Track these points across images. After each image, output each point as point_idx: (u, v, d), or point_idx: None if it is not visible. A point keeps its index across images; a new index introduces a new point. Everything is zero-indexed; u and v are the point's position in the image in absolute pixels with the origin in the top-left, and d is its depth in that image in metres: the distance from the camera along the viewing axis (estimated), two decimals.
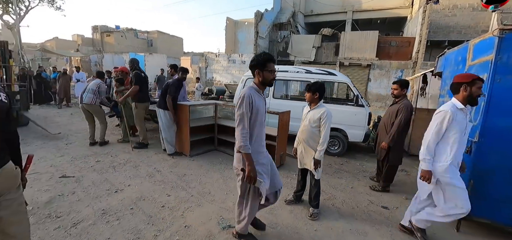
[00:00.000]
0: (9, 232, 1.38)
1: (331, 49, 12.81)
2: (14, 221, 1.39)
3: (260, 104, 1.80)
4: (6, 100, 1.33)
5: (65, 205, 2.54)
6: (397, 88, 3.17)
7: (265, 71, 1.77)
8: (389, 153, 3.23)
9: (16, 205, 1.39)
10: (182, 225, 2.32)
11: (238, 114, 1.74)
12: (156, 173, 3.48)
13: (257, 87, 1.83)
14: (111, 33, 24.18)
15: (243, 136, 1.72)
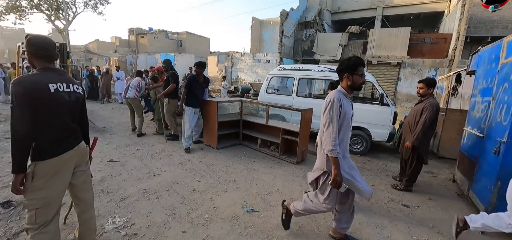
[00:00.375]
0: (80, 196, 1.77)
1: (359, 47, 12.45)
2: (84, 188, 1.77)
3: (347, 108, 1.78)
4: (83, 92, 1.71)
5: (114, 184, 3.00)
6: (423, 87, 3.14)
7: (355, 74, 1.74)
8: (413, 153, 3.21)
9: (85, 175, 1.77)
10: (211, 207, 2.61)
11: (328, 117, 1.73)
12: (187, 162, 3.85)
13: (345, 91, 1.81)
14: (144, 35, 25.95)
15: (333, 139, 1.70)
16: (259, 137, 4.65)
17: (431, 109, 2.99)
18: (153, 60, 20.94)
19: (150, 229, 2.18)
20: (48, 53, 1.53)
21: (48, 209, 1.51)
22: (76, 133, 1.64)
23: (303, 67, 5.31)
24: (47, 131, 1.45)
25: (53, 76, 1.51)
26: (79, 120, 1.70)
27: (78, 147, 1.64)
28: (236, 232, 2.21)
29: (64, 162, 1.54)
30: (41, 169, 1.45)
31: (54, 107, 1.46)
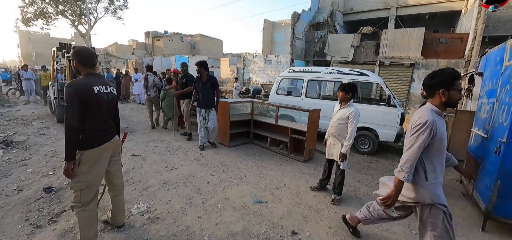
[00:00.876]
0: (114, 182, 2.08)
1: (371, 48, 12.35)
2: (117, 175, 2.09)
3: (443, 130, 1.55)
4: (115, 92, 2.02)
5: (137, 175, 3.34)
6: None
7: (453, 90, 1.51)
8: None
9: (118, 164, 2.09)
10: (223, 197, 2.87)
11: (414, 140, 1.52)
12: (202, 158, 4.15)
13: (438, 109, 1.57)
14: (160, 38, 26.91)
15: (411, 165, 1.53)
16: (269, 136, 4.88)
17: None
18: (168, 62, 21.71)
19: (170, 214, 2.48)
20: (91, 61, 1.86)
21: (90, 190, 1.82)
22: (112, 127, 1.96)
23: (312, 69, 5.48)
24: (91, 125, 1.77)
25: (95, 80, 1.82)
26: (113, 117, 2.02)
27: (113, 140, 1.95)
28: (245, 219, 2.45)
29: (103, 152, 1.85)
30: (85, 157, 1.76)
31: (97, 105, 1.78)
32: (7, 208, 2.48)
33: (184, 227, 2.28)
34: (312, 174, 3.74)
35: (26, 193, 2.78)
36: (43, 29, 21.58)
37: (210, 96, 4.42)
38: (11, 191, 2.80)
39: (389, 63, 10.71)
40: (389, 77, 10.79)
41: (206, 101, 4.41)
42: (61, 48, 6.04)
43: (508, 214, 2.51)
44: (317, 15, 14.74)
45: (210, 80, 4.42)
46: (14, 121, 6.24)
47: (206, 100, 4.41)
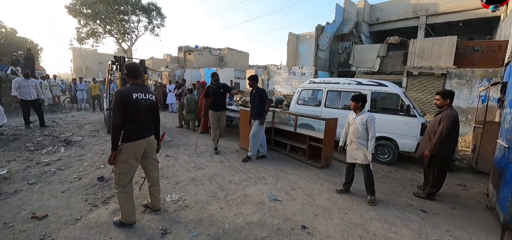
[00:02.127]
0: (151, 175, 2.55)
1: (399, 58, 12.00)
2: (152, 168, 2.55)
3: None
4: (155, 99, 2.50)
5: (170, 171, 3.85)
6: (439, 99, 3.33)
7: None
8: (434, 161, 3.34)
9: (153, 160, 2.56)
10: (243, 194, 3.22)
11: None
12: (225, 161, 4.57)
13: None
14: (191, 52, 28.81)
15: None
16: (288, 143, 5.15)
17: (447, 119, 3.13)
18: (198, 74, 23.13)
19: (197, 204, 2.88)
20: (136, 74, 2.38)
21: (126, 176, 2.29)
22: (149, 128, 2.43)
23: (331, 80, 5.68)
24: (130, 124, 2.25)
25: (137, 88, 2.33)
26: (152, 119, 2.50)
27: (148, 138, 2.42)
28: (261, 213, 2.76)
29: (138, 146, 2.32)
30: (125, 148, 2.25)
31: (135, 108, 2.26)
32: (71, 191, 3.11)
33: (208, 215, 2.66)
34: (328, 180, 3.91)
35: (84, 180, 3.42)
36: (93, 46, 24.63)
37: (259, 108, 4.55)
38: (73, 179, 3.46)
39: (418, 73, 10.32)
40: (418, 87, 10.37)
41: (257, 112, 4.55)
42: (115, 62, 6.24)
43: None
44: (341, 27, 14.76)
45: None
46: (71, 124, 7.35)
47: (257, 112, 4.55)
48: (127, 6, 22.78)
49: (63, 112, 10.01)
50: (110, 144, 2.25)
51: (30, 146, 4.84)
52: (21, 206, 2.69)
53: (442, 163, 3.30)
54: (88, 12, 22.09)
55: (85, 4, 21.86)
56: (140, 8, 24.20)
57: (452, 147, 3.36)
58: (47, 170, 3.70)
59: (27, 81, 6.50)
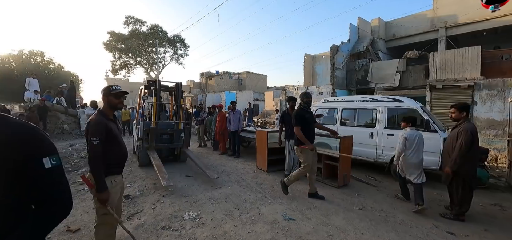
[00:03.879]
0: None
1: (420, 72, 11.60)
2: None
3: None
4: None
5: (189, 191, 4.04)
6: (455, 111, 3.24)
7: None
8: (457, 179, 3.17)
9: None
10: (257, 213, 3.28)
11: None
12: (242, 181, 4.68)
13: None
14: (213, 77, 30.27)
15: None
16: None
17: (465, 133, 3.00)
18: (218, 98, 24.07)
19: (212, 221, 3.01)
20: None
21: None
22: None
23: (346, 99, 5.72)
24: None
25: None
26: None
27: None
28: (274, 231, 2.80)
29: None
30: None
31: None
32: None
33: (222, 232, 2.77)
34: (345, 199, 3.84)
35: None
36: (125, 76, 27.00)
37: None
38: None
39: (442, 86, 9.85)
40: (443, 101, 9.84)
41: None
42: (149, 86, 5.75)
43: None
44: (357, 45, 14.78)
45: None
46: None
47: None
48: (155, 39, 25.01)
49: None
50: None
51: (68, 167, 5.38)
52: None
53: (466, 180, 3.12)
54: (121, 46, 24.58)
55: (119, 40, 24.42)
56: (167, 40, 26.40)
57: (474, 162, 3.18)
58: (81, 189, 4.09)
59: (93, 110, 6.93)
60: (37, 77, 11.85)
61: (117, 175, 2.10)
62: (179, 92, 5.89)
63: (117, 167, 2.10)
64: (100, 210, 1.97)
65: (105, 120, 1.98)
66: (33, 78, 11.38)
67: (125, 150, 2.17)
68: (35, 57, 27.73)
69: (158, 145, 5.42)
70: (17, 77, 23.42)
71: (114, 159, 2.04)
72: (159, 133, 5.55)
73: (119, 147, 2.09)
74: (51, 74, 27.33)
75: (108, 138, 1.95)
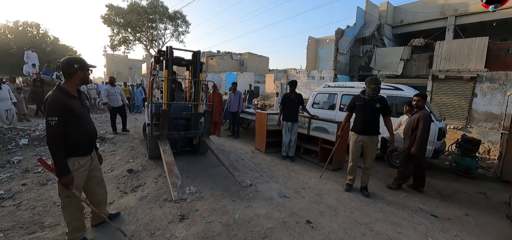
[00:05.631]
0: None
1: (424, 61, 11.50)
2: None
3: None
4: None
5: (190, 168, 4.19)
6: (420, 99, 3.69)
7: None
8: (412, 157, 3.62)
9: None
10: (254, 190, 3.45)
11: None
12: (241, 160, 4.84)
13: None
14: (213, 57, 29.85)
15: None
16: (302, 146, 5.29)
17: (426, 118, 3.51)
18: (219, 78, 23.90)
19: (212, 196, 3.17)
20: None
21: None
22: None
23: (347, 85, 5.73)
24: None
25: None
26: None
27: None
28: (269, 207, 2.97)
29: None
30: None
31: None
32: (105, 180, 3.56)
33: (221, 205, 2.94)
34: (338, 181, 4.01)
35: (116, 172, 3.89)
36: (124, 52, 26.67)
37: (296, 111, 4.83)
38: (107, 170, 3.96)
39: (444, 76, 9.81)
40: (445, 92, 9.86)
41: (292, 115, 4.78)
42: (160, 57, 4.56)
43: None
44: (362, 30, 14.48)
45: (298, 97, 4.89)
46: (104, 124, 8.15)
47: (292, 114, 4.79)
48: (155, 15, 24.38)
49: (97, 112, 11.06)
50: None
51: None
52: None
53: (421, 158, 3.64)
54: (120, 21, 24.03)
55: (118, 14, 23.82)
56: (167, 16, 25.75)
57: (426, 144, 3.72)
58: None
59: (114, 88, 6.78)
60: (35, 50, 11.75)
61: (83, 157, 1.99)
62: (197, 65, 4.61)
63: (82, 148, 1.98)
64: (63, 192, 1.90)
65: (65, 98, 1.82)
66: (32, 52, 11.28)
67: (90, 129, 2.06)
68: (30, 29, 27.31)
69: (171, 133, 4.25)
70: (14, 50, 23.21)
71: (78, 140, 1.91)
72: (172, 118, 4.40)
73: (83, 127, 1.96)
74: (48, 47, 27.02)
75: (69, 117, 1.81)
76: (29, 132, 5.89)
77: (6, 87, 6.58)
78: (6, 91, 6.48)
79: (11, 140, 5.26)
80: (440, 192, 3.88)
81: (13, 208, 2.71)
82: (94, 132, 2.13)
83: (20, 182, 3.37)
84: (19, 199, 2.91)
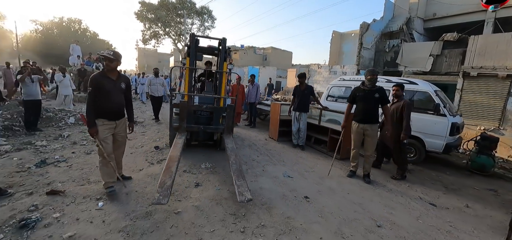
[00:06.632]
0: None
1: (456, 57, 10.78)
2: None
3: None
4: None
5: (206, 149, 4.69)
6: (398, 89, 3.96)
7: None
8: (398, 142, 3.85)
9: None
10: (261, 170, 3.82)
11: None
12: (253, 145, 5.24)
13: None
14: (237, 51, 30.48)
15: None
16: (313, 136, 5.53)
17: (408, 107, 3.79)
18: (241, 72, 24.47)
19: (224, 171, 3.62)
20: None
21: None
22: None
23: (360, 78, 5.78)
24: None
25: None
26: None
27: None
28: (273, 184, 3.33)
29: None
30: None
31: None
32: (136, 154, 4.21)
33: (231, 179, 3.34)
34: (343, 169, 4.22)
35: (145, 148, 4.52)
36: (154, 46, 28.40)
37: (305, 102, 5.10)
38: (138, 146, 4.61)
39: (477, 74, 9.19)
40: (477, 90, 9.25)
41: (300, 105, 5.06)
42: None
43: None
44: (390, 24, 13.91)
45: (308, 88, 5.15)
46: (135, 110, 9.07)
47: (301, 104, 5.06)
48: (183, 10, 25.58)
49: None
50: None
51: None
52: None
53: (400, 143, 3.86)
54: (151, 16, 25.62)
55: (150, 10, 25.42)
56: (194, 11, 26.85)
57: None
58: None
59: (156, 79, 7.24)
60: (79, 44, 13.22)
61: (107, 120, 2.67)
62: (223, 53, 4.30)
63: (108, 114, 2.66)
64: (96, 142, 2.65)
65: (100, 77, 2.60)
66: (76, 45, 12.73)
67: (116, 103, 2.72)
68: (73, 25, 30.32)
69: (191, 127, 4.04)
70: (60, 44, 26.04)
71: (103, 108, 2.62)
72: (192, 111, 4.20)
73: (110, 100, 2.64)
74: (88, 41, 29.84)
75: (98, 91, 2.56)
76: (75, 113, 6.88)
77: (68, 76, 7.75)
78: (68, 79, 7.66)
79: (62, 119, 6.23)
80: (447, 186, 3.91)
81: (66, 168, 3.41)
82: (119, 106, 2.78)
83: (70, 151, 4.13)
84: (71, 163, 3.61)
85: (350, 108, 3.87)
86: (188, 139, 4.28)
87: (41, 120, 5.64)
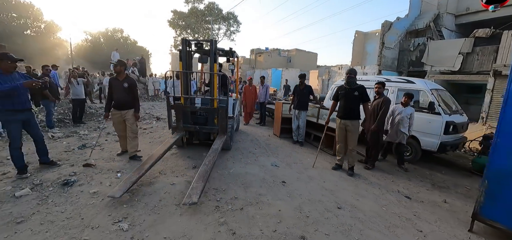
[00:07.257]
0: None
1: (489, 55, 9.96)
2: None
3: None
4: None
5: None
6: (380, 87, 4.26)
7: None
8: (375, 135, 4.24)
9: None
10: (254, 160, 4.34)
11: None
12: (255, 140, 5.77)
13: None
14: (261, 54, 31.22)
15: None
16: (312, 133, 5.85)
17: (386, 103, 4.17)
18: (265, 74, 25.09)
19: (221, 159, 4.21)
20: None
21: None
22: None
23: (363, 78, 5.94)
24: None
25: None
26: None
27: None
28: (259, 170, 3.82)
29: None
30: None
31: None
32: (154, 143, 5.04)
33: (224, 164, 3.95)
34: (332, 162, 4.50)
35: (162, 138, 5.35)
36: None
37: (304, 101, 5.44)
38: (157, 137, 5.48)
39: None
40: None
41: (300, 103, 5.45)
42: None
43: (494, 216, 2.52)
44: (416, 21, 13.26)
45: (307, 88, 5.53)
46: (163, 108, 10.24)
47: (300, 103, 5.45)
48: (211, 17, 27.18)
49: (159, 100, 13.62)
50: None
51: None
52: None
53: (379, 136, 4.30)
54: (182, 24, 27.72)
55: (181, 18, 27.56)
56: (221, 17, 28.34)
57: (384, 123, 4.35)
58: (144, 131, 5.92)
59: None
60: (118, 51, 15.13)
61: (115, 110, 3.82)
62: (212, 55, 4.41)
63: (115, 105, 3.82)
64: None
65: (111, 79, 3.82)
66: (116, 52, 14.61)
67: (121, 98, 3.76)
68: (116, 34, 34.14)
69: (187, 127, 4.33)
70: (105, 51, 29.68)
71: (113, 101, 3.81)
72: (188, 112, 4.45)
73: (117, 96, 3.75)
74: (128, 48, 33.38)
75: (111, 89, 3.77)
76: None
77: (107, 78, 9.20)
78: (106, 81, 9.09)
79: (101, 115, 7.49)
80: (435, 184, 3.96)
81: (99, 150, 4.34)
82: (123, 100, 3.79)
83: (104, 139, 5.13)
84: (103, 147, 4.56)
85: (335, 106, 4.18)
86: (189, 139, 4.72)
87: (85, 115, 6.91)
